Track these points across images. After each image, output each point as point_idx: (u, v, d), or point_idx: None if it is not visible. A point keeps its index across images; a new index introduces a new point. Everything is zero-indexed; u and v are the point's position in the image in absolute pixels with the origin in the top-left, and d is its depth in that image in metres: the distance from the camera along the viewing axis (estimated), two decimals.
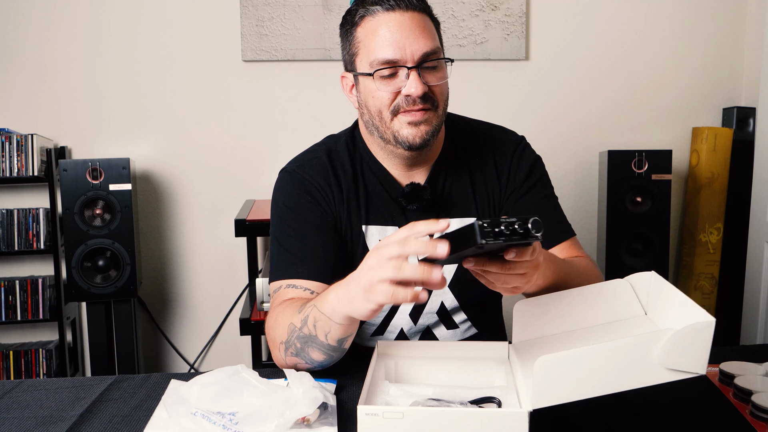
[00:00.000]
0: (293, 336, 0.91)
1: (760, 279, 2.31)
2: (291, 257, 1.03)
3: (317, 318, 0.86)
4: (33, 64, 2.41)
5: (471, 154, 1.12)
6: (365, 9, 1.00)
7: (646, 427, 0.78)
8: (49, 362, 2.32)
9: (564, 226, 1.12)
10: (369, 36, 0.99)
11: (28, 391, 0.93)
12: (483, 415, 0.68)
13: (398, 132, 1.01)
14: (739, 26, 2.62)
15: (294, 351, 0.92)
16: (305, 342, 0.90)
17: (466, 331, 1.16)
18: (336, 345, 0.89)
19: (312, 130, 1.45)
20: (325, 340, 0.88)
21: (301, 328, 0.89)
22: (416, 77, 0.97)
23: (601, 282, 1.03)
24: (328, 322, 0.85)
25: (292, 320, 0.91)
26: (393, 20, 0.98)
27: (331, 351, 0.90)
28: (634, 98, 2.61)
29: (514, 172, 1.11)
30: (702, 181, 2.56)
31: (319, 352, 0.90)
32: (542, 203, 1.11)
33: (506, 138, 1.15)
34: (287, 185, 1.10)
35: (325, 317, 0.85)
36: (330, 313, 0.84)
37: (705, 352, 0.66)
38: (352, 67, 1.05)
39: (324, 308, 0.85)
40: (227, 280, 2.55)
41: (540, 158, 1.16)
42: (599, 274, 1.08)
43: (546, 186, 1.14)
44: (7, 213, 2.28)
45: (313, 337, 0.89)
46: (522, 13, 2.50)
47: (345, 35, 1.05)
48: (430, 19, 1.02)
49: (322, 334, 0.87)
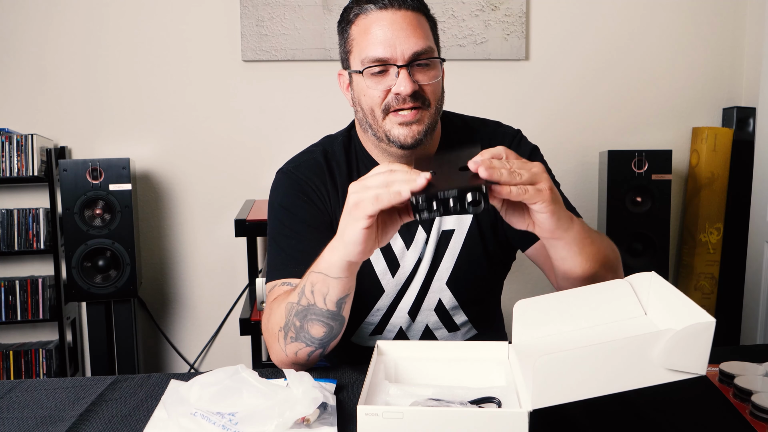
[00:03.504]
0: (291, 314, 0.91)
1: (760, 279, 2.31)
2: (287, 257, 1.04)
3: (314, 281, 0.88)
4: (33, 64, 2.41)
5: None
6: (360, 7, 1.01)
7: (646, 427, 0.78)
8: (49, 362, 2.32)
9: (569, 209, 1.11)
10: (362, 34, 1.00)
11: (28, 391, 0.93)
12: (483, 415, 0.68)
13: (390, 132, 1.01)
14: (739, 26, 2.62)
15: (294, 333, 0.92)
16: (304, 316, 0.90)
17: (466, 333, 1.16)
18: (336, 310, 0.89)
19: (312, 130, 1.45)
20: (324, 306, 0.89)
21: (299, 301, 0.90)
22: (406, 76, 0.97)
23: (615, 248, 1.02)
24: (325, 280, 0.86)
25: (288, 300, 0.93)
26: (385, 18, 0.98)
27: (331, 319, 0.90)
28: (634, 98, 2.61)
29: None
30: (702, 181, 2.56)
31: (319, 325, 0.90)
32: None
33: (502, 131, 1.15)
34: (283, 186, 1.11)
35: (322, 276, 0.87)
36: (326, 268, 0.86)
37: (705, 352, 0.66)
38: (347, 65, 1.06)
39: (319, 267, 0.87)
40: (227, 280, 2.55)
41: (537, 147, 1.16)
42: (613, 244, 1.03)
43: None
44: (7, 213, 2.28)
45: (311, 306, 0.89)
46: (522, 13, 2.50)
47: (341, 33, 1.06)
48: (426, 18, 1.03)
49: (320, 298, 0.88)
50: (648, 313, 0.88)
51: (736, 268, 2.54)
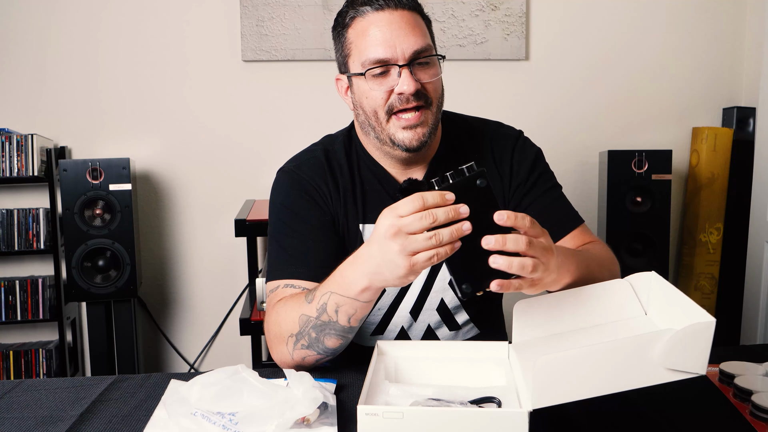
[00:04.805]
0: (308, 326, 0.91)
1: (760, 279, 2.31)
2: (289, 257, 1.04)
3: (340, 303, 0.87)
4: (33, 64, 2.41)
5: (468, 151, 1.12)
6: (355, 10, 1.01)
7: (646, 427, 0.78)
8: (49, 362, 2.32)
9: (572, 214, 1.13)
10: (360, 36, 1.00)
11: (28, 391, 0.93)
12: (483, 415, 0.68)
13: (394, 135, 1.01)
14: (739, 26, 2.62)
15: (307, 342, 0.92)
16: (321, 329, 0.90)
17: (467, 332, 1.16)
18: (356, 326, 0.90)
19: (312, 130, 1.45)
20: (348, 324, 0.89)
21: (319, 316, 0.90)
22: (408, 75, 0.97)
23: (616, 265, 1.03)
24: (353, 304, 0.86)
25: (302, 311, 0.92)
26: (383, 19, 0.98)
27: (349, 333, 0.91)
28: (634, 98, 2.61)
29: (517, 168, 1.11)
30: (702, 181, 2.56)
31: (336, 338, 0.91)
32: (548, 194, 1.12)
33: (504, 133, 1.15)
34: (285, 185, 1.10)
35: (350, 300, 0.86)
36: (358, 294, 0.85)
37: (705, 352, 0.66)
38: (345, 69, 1.05)
39: (348, 291, 0.85)
40: (227, 280, 2.55)
41: (540, 150, 1.16)
42: (614, 257, 1.08)
43: (550, 178, 1.14)
44: (7, 213, 2.28)
45: (332, 323, 0.89)
46: (522, 13, 2.50)
47: (337, 37, 1.06)
48: (421, 16, 1.03)
49: (344, 318, 0.88)
50: (648, 313, 0.88)
51: (736, 268, 2.54)
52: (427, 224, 0.73)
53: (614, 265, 1.05)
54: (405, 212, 0.74)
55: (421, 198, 0.73)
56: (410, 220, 0.74)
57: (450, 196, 0.74)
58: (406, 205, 0.74)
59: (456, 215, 0.73)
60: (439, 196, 0.74)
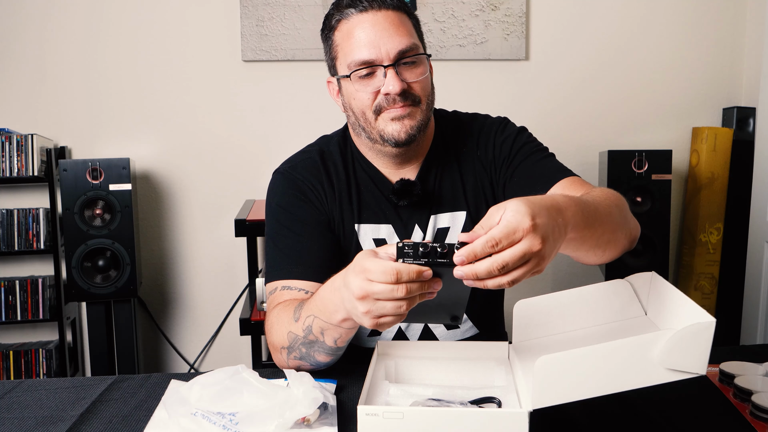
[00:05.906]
0: (297, 343, 0.92)
1: (760, 279, 2.31)
2: (285, 257, 1.04)
3: (324, 328, 0.86)
4: (33, 64, 2.41)
5: (458, 145, 1.13)
6: (340, 13, 1.01)
7: (646, 427, 0.78)
8: (49, 362, 2.32)
9: (560, 168, 1.07)
10: (345, 39, 1.01)
11: (28, 391, 0.93)
12: (483, 415, 0.68)
13: (383, 130, 1.02)
14: (739, 26, 2.62)
15: (298, 355, 0.93)
16: (310, 346, 0.91)
17: (466, 331, 1.16)
18: (344, 346, 0.91)
19: (311, 130, 1.45)
20: (334, 345, 0.89)
21: (306, 336, 0.90)
22: (393, 75, 0.98)
23: (621, 199, 0.94)
24: (337, 329, 0.86)
25: (290, 329, 0.92)
26: (367, 21, 0.99)
27: (338, 351, 0.92)
28: (634, 98, 2.61)
29: (500, 147, 1.10)
30: (702, 181, 2.56)
31: (324, 355, 0.92)
32: (533, 157, 1.08)
33: (489, 122, 1.15)
34: (281, 186, 1.11)
35: (333, 326, 0.85)
36: (341, 322, 0.83)
37: (705, 352, 0.66)
38: (334, 72, 1.06)
39: (332, 318, 0.84)
40: (227, 280, 2.55)
41: (525, 128, 1.14)
42: (617, 193, 0.96)
43: (536, 146, 1.11)
44: (7, 213, 2.28)
45: (319, 342, 0.89)
46: (522, 13, 2.50)
47: (325, 41, 1.07)
48: (407, 15, 1.03)
49: (330, 340, 0.88)
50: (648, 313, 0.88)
51: (736, 268, 2.54)
52: (399, 296, 0.70)
53: (620, 200, 0.94)
54: (376, 279, 0.71)
55: (395, 273, 0.69)
56: (382, 288, 0.70)
57: (428, 274, 0.70)
58: (378, 273, 0.70)
59: (429, 288, 0.72)
60: (415, 274, 0.70)
